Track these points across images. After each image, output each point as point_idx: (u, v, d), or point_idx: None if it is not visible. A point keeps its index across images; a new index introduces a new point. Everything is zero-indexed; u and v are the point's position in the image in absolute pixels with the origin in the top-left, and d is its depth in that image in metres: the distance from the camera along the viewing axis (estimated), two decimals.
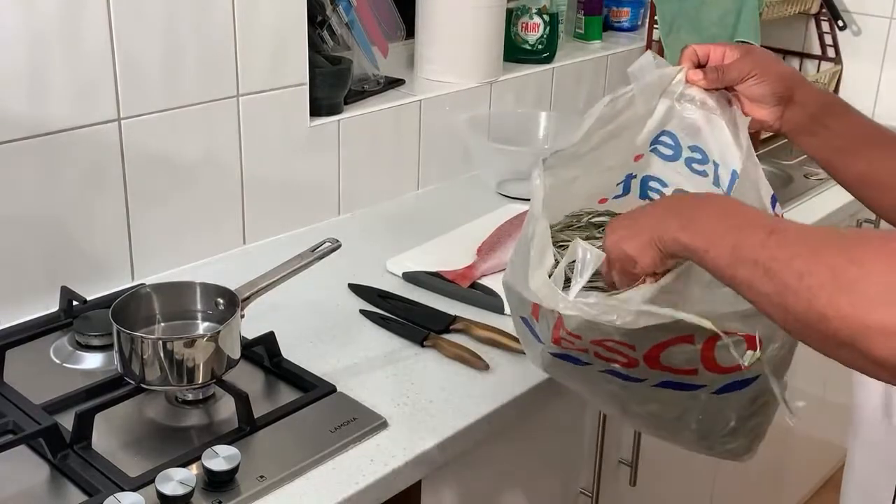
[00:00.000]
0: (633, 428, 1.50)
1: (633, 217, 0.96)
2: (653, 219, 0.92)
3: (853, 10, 2.54)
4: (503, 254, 1.58)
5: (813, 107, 1.10)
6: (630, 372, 1.02)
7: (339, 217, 1.78)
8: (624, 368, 1.02)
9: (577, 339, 1.00)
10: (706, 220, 0.87)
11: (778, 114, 1.09)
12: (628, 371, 1.02)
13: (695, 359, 1.01)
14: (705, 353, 1.01)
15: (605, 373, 1.05)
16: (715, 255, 0.83)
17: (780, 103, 1.09)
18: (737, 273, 0.81)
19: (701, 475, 1.91)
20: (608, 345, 0.99)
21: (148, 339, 1.14)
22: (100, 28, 1.36)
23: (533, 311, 1.05)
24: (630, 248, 0.92)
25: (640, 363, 1.01)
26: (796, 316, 0.75)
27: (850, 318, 0.70)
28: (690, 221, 0.88)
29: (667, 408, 1.10)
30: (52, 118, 1.35)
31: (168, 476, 1.02)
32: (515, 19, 2.14)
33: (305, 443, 1.13)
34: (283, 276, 1.25)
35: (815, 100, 1.11)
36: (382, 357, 1.34)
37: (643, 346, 1.00)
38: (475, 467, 1.28)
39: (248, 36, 1.54)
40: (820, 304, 0.72)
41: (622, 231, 0.95)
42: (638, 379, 1.04)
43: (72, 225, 1.41)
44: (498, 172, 1.93)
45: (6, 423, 1.13)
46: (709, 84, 1.10)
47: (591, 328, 0.96)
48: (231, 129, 1.57)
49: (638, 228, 0.93)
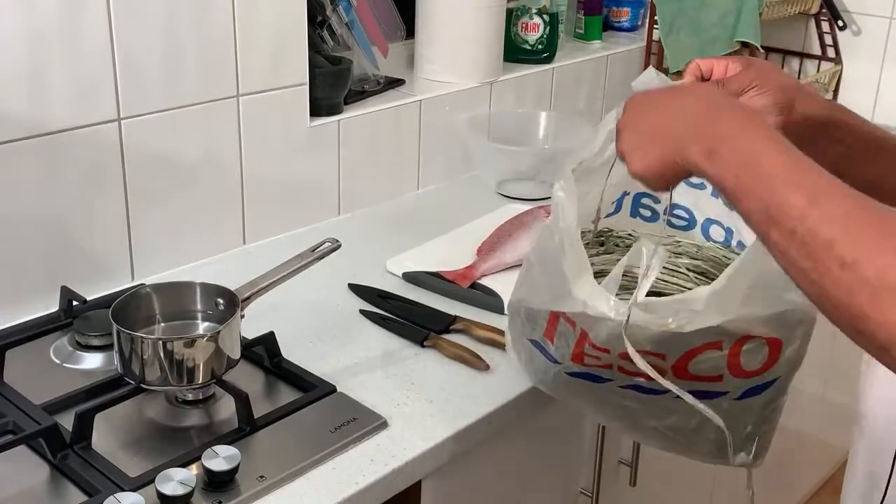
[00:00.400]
0: (639, 442, 1.50)
1: (646, 130, 0.91)
2: (668, 136, 0.87)
3: (853, 10, 2.54)
4: (503, 254, 1.58)
5: (815, 116, 1.09)
6: (652, 385, 1.01)
7: (339, 217, 1.78)
8: (647, 382, 1.02)
9: (604, 354, 0.98)
10: (732, 153, 0.80)
11: (780, 124, 1.09)
12: (651, 385, 1.02)
13: (721, 365, 1.01)
14: (732, 358, 1.00)
15: (625, 388, 1.04)
16: (746, 206, 0.77)
17: (781, 113, 1.08)
18: (770, 234, 0.75)
19: (701, 475, 1.91)
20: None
21: (148, 339, 1.14)
22: (100, 28, 1.36)
23: (546, 333, 1.04)
24: (642, 168, 0.90)
25: (667, 373, 1.01)
26: (833, 303, 0.70)
27: (893, 325, 0.65)
28: (714, 149, 0.81)
29: (685, 419, 1.10)
30: (52, 118, 1.35)
31: (168, 476, 1.02)
32: (515, 19, 2.14)
33: (305, 443, 1.13)
34: (283, 276, 1.25)
35: (816, 108, 1.10)
36: (382, 357, 1.34)
37: (674, 355, 0.99)
38: (475, 467, 1.28)
39: (248, 36, 1.54)
40: (861, 301, 0.67)
41: (636, 144, 0.91)
42: (658, 391, 1.03)
43: (72, 225, 1.41)
44: (498, 172, 1.93)
45: (6, 423, 1.13)
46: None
47: (620, 340, 0.95)
48: (231, 129, 1.57)
49: (652, 145, 0.89)
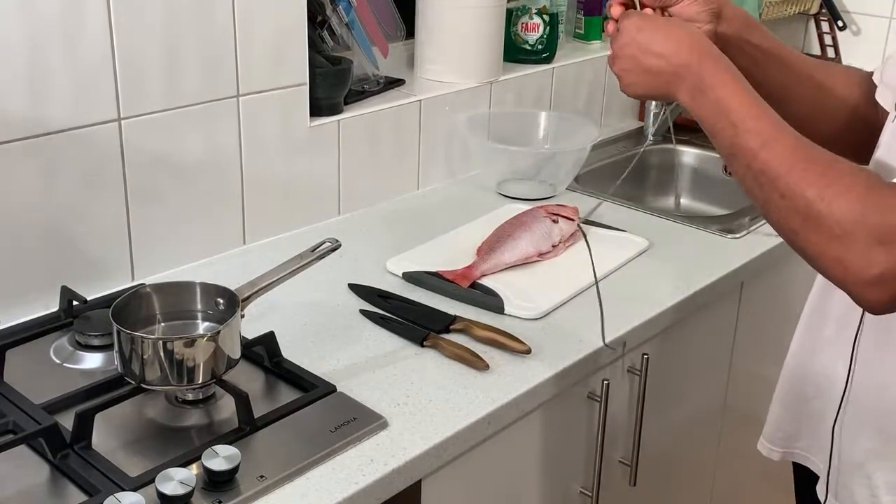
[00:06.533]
0: None
1: (640, 61, 1.07)
2: (660, 72, 1.05)
3: (853, 10, 2.54)
4: (503, 254, 1.58)
5: (738, 23, 1.17)
6: None
7: (339, 217, 1.78)
8: None
9: None
10: (709, 100, 1.01)
11: (712, 29, 1.13)
12: None
13: None
14: None
15: None
16: (717, 141, 1.01)
17: (711, 20, 1.15)
18: (732, 164, 1.00)
19: (701, 475, 1.91)
20: None
21: (148, 338, 1.14)
22: (100, 28, 1.36)
23: None
24: (633, 92, 1.10)
25: None
26: (775, 219, 0.97)
27: (813, 243, 0.93)
28: (699, 92, 1.02)
29: None
30: (52, 118, 1.35)
31: (168, 476, 1.02)
32: (515, 19, 2.14)
33: (305, 443, 1.14)
34: (283, 276, 1.25)
35: (740, 16, 1.17)
36: (382, 357, 1.34)
37: None
38: (475, 467, 1.28)
39: (248, 36, 1.54)
40: (794, 223, 0.94)
41: (629, 68, 1.08)
42: None
43: (72, 225, 1.41)
44: (498, 172, 1.93)
45: (6, 423, 1.13)
46: (652, 3, 1.15)
47: None
48: (231, 129, 1.57)
49: (648, 77, 1.07)
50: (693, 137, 2.20)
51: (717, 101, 1.00)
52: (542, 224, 1.64)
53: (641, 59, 1.07)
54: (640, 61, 1.07)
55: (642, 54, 1.06)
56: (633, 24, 1.08)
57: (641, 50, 1.07)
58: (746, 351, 1.84)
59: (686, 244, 1.74)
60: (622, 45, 1.08)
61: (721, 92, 1.00)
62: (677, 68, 1.04)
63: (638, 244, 1.69)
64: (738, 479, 1.98)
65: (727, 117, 0.99)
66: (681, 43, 1.05)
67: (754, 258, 1.71)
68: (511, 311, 1.45)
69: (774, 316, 1.80)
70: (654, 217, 1.83)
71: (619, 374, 1.49)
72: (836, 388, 1.15)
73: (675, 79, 1.04)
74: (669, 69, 1.04)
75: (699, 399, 1.80)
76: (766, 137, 0.96)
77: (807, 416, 1.23)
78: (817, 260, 0.94)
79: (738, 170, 0.99)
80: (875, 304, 0.92)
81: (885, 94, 1.14)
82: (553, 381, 1.32)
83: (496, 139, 1.94)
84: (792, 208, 0.93)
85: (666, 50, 1.05)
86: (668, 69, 1.04)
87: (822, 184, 0.91)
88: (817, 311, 1.20)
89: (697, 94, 1.02)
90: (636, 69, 1.07)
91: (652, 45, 1.06)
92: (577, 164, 1.93)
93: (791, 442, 1.27)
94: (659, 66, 1.05)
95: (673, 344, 1.60)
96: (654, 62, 1.05)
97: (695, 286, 1.58)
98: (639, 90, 1.09)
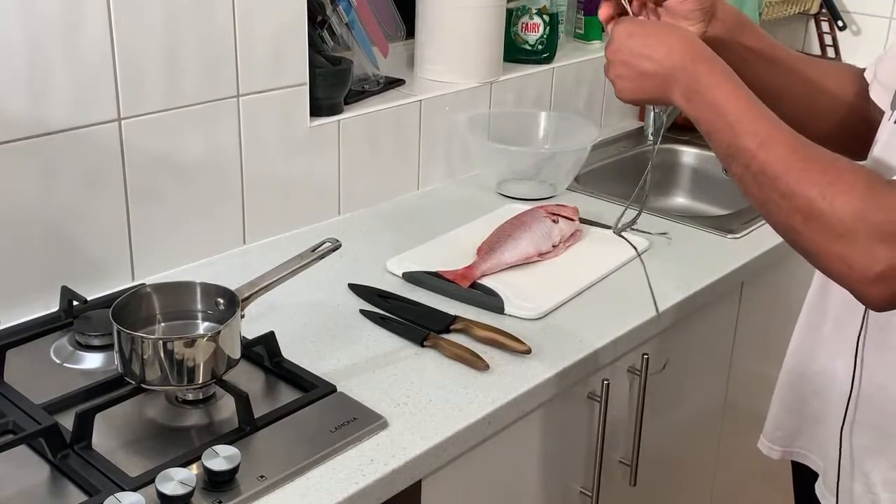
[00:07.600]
0: None
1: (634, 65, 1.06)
2: (654, 75, 1.05)
3: (853, 10, 2.54)
4: (503, 254, 1.58)
5: (730, 22, 1.17)
6: None
7: (339, 217, 1.78)
8: None
9: None
10: (706, 101, 1.01)
11: (703, 29, 1.13)
12: None
13: None
14: None
15: None
16: (715, 143, 1.01)
17: (704, 18, 1.14)
18: (731, 166, 1.00)
19: (701, 475, 1.91)
20: None
21: (148, 339, 1.14)
22: (100, 28, 1.36)
23: None
24: (628, 97, 1.09)
25: None
26: (775, 219, 0.97)
27: (815, 241, 0.93)
28: (695, 93, 1.02)
29: None
30: (52, 118, 1.35)
31: (168, 476, 1.02)
32: (515, 19, 2.14)
33: (305, 443, 1.14)
34: (283, 276, 1.25)
35: (732, 14, 1.17)
36: (382, 357, 1.34)
37: None
38: (475, 467, 1.28)
39: (248, 36, 1.54)
40: (795, 222, 0.94)
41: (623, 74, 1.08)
42: None
43: (72, 225, 1.41)
44: (498, 172, 1.93)
45: (6, 423, 1.13)
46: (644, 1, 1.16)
47: None
48: (231, 129, 1.57)
49: (642, 82, 1.06)
50: (693, 137, 2.20)
51: (714, 103, 1.00)
52: (543, 224, 1.65)
53: (634, 64, 1.06)
54: (633, 66, 1.06)
55: (634, 59, 1.06)
56: (624, 30, 1.08)
57: (633, 55, 1.06)
58: (746, 351, 1.84)
59: (686, 244, 1.74)
60: (614, 50, 1.08)
61: (717, 93, 1.00)
62: (670, 71, 1.03)
63: (638, 244, 1.69)
64: (738, 478, 1.98)
65: (724, 118, 0.99)
66: (672, 46, 1.04)
67: (754, 258, 1.71)
68: (511, 311, 1.45)
69: (774, 316, 1.80)
70: (655, 217, 1.83)
71: (619, 374, 1.49)
72: (836, 386, 1.15)
73: (668, 81, 1.04)
74: (662, 72, 1.04)
75: (699, 399, 1.80)
76: (765, 137, 0.96)
77: (806, 414, 1.23)
78: (819, 258, 0.94)
79: (737, 170, 0.99)
80: (877, 301, 0.92)
81: (880, 92, 1.14)
82: (553, 381, 1.32)
83: (496, 139, 1.94)
84: (793, 207, 0.93)
85: (658, 53, 1.04)
86: (662, 72, 1.04)
87: (823, 182, 0.92)
88: (815, 309, 1.20)
89: (693, 96, 1.02)
90: (630, 74, 1.07)
91: (643, 49, 1.05)
92: (577, 165, 1.93)
93: (791, 440, 1.27)
94: (652, 70, 1.05)
95: (673, 344, 1.60)
96: (647, 66, 1.05)
97: (695, 286, 1.58)
98: (634, 95, 1.09)
